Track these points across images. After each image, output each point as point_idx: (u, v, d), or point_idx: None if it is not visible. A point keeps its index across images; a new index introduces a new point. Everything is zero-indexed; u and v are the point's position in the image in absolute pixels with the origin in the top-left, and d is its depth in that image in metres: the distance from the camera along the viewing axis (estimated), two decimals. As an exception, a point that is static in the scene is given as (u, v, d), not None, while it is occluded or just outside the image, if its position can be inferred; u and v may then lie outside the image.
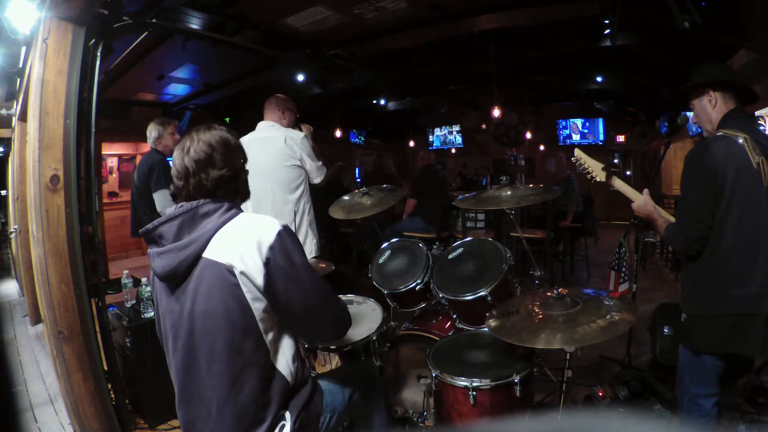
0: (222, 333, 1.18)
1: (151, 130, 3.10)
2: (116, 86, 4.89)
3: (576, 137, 9.99)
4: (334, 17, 3.83)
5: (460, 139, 11.39)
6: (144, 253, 6.94)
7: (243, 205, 1.36)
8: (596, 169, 1.94)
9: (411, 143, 11.41)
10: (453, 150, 11.60)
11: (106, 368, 2.21)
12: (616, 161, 9.71)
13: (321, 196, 3.17)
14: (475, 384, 1.64)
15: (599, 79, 6.42)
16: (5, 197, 6.07)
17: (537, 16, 3.96)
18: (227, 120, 6.78)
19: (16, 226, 4.33)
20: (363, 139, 11.21)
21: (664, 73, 5.13)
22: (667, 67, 4.79)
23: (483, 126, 10.74)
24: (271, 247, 1.20)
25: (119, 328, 2.49)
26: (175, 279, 1.22)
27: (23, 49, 3.03)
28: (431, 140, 11.71)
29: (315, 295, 1.27)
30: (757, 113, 3.52)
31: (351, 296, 2.32)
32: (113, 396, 2.23)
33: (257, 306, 1.20)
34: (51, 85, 1.96)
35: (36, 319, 4.11)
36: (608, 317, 1.46)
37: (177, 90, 5.97)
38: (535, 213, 5.59)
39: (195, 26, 3.56)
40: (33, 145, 1.95)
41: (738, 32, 3.27)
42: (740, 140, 1.58)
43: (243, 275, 1.18)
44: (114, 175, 7.25)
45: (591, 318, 1.47)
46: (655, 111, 7.20)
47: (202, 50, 4.22)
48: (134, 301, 2.58)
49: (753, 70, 3.38)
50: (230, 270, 1.18)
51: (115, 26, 2.50)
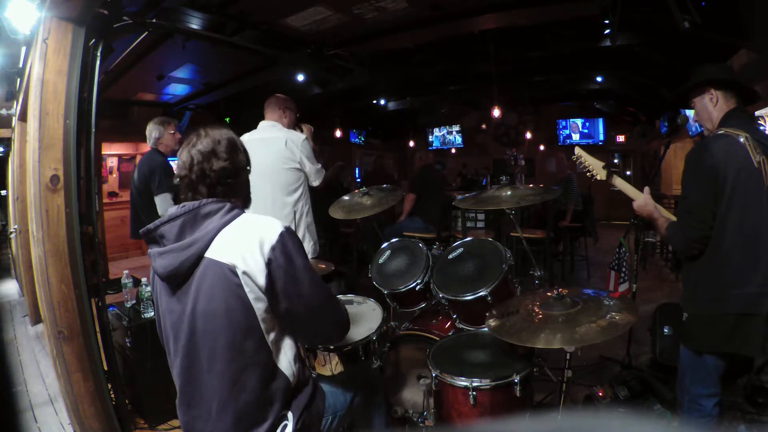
0: (223, 333, 1.18)
1: (152, 130, 3.06)
2: (116, 86, 4.88)
3: (576, 137, 9.99)
4: (334, 17, 3.83)
5: (460, 139, 11.37)
6: (144, 253, 6.94)
7: None
8: (597, 168, 1.93)
9: (411, 143, 11.40)
10: (453, 150, 11.59)
11: (106, 368, 2.21)
12: (616, 161, 9.71)
13: (321, 197, 3.16)
14: (475, 384, 1.64)
15: (599, 79, 6.41)
16: (5, 197, 6.07)
17: (537, 16, 3.96)
18: (227, 120, 6.78)
19: (16, 226, 4.33)
20: (363, 139, 11.20)
21: (664, 73, 5.12)
22: (667, 67, 4.78)
23: (483, 126, 10.73)
24: (273, 248, 1.20)
25: (119, 328, 2.49)
26: (177, 279, 1.22)
27: (23, 49, 3.03)
28: (431, 140, 11.71)
29: (315, 297, 1.27)
30: (757, 113, 3.52)
31: (351, 296, 2.32)
32: (113, 396, 2.23)
33: (259, 306, 1.20)
34: (51, 85, 1.96)
35: (36, 319, 4.11)
36: (608, 317, 1.46)
37: (177, 90, 5.96)
38: (535, 213, 5.59)
39: (195, 26, 3.56)
40: (33, 145, 1.95)
41: (738, 32, 3.27)
42: (741, 139, 1.58)
43: (245, 275, 1.18)
44: (114, 175, 7.25)
45: (591, 318, 1.47)
46: (655, 111, 7.19)
47: (202, 50, 4.21)
48: (134, 301, 2.58)
49: (753, 70, 3.38)
50: (233, 270, 1.17)
51: (115, 26, 2.49)
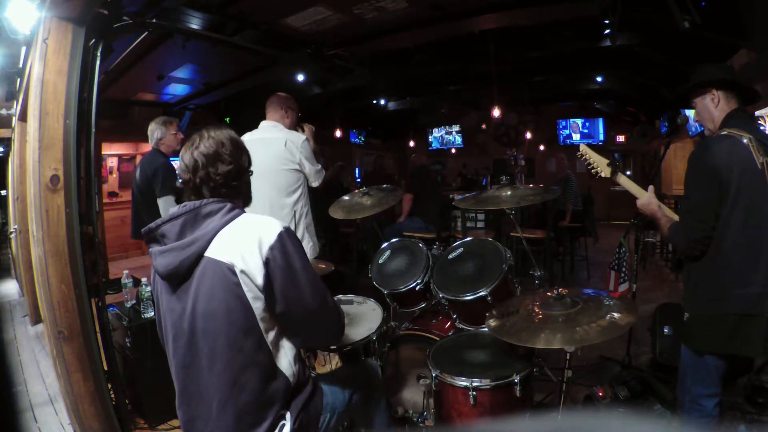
0: (223, 332, 1.19)
1: (154, 130, 3.04)
2: (116, 86, 4.88)
3: (576, 137, 10.00)
4: (334, 17, 3.83)
5: (459, 139, 11.38)
6: (144, 254, 6.95)
7: None
8: (601, 165, 1.92)
9: (411, 143, 11.40)
10: (453, 150, 11.60)
11: (106, 368, 2.21)
12: (617, 161, 9.70)
13: (321, 197, 3.17)
14: (475, 384, 1.64)
15: (599, 79, 6.41)
16: (5, 197, 6.07)
17: (537, 16, 3.96)
18: (227, 120, 6.78)
19: (16, 226, 4.33)
20: (363, 139, 11.19)
21: (664, 73, 5.12)
22: (667, 67, 4.78)
23: (483, 126, 10.73)
24: (272, 247, 1.20)
25: (119, 328, 2.49)
26: (177, 278, 1.23)
27: (23, 49, 3.02)
28: (430, 140, 11.71)
29: (312, 299, 1.26)
30: (757, 113, 3.52)
31: (351, 296, 2.32)
32: (113, 396, 2.23)
33: (257, 305, 1.20)
34: (51, 85, 1.96)
35: (36, 319, 4.11)
36: (608, 317, 1.46)
37: (177, 90, 5.96)
38: (535, 213, 5.59)
39: (195, 26, 3.55)
40: (33, 145, 1.95)
41: (738, 32, 3.26)
42: (745, 140, 1.57)
43: (243, 274, 1.18)
44: (114, 175, 7.25)
45: (591, 318, 1.47)
46: (655, 111, 7.19)
47: (202, 50, 4.21)
48: (134, 301, 2.58)
49: (753, 70, 3.38)
50: (231, 269, 1.18)
51: (115, 26, 2.49)
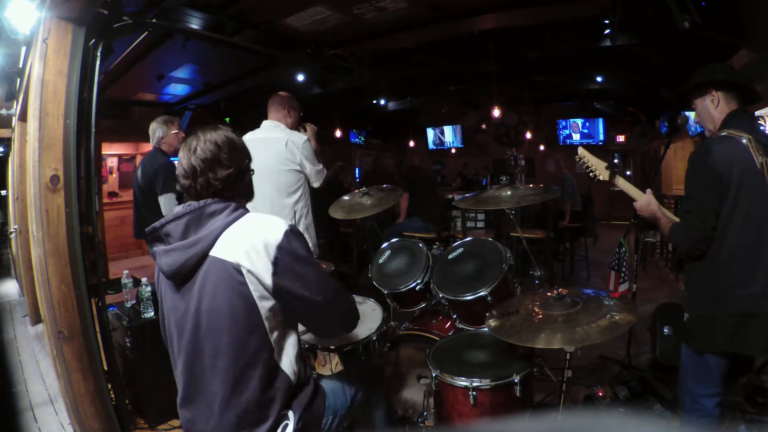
0: (227, 331, 1.19)
1: (155, 130, 3.06)
2: (116, 86, 4.88)
3: (576, 137, 10.00)
4: (334, 17, 3.83)
5: (453, 139, 11.38)
6: (144, 254, 6.95)
7: None
8: (600, 168, 1.93)
9: (411, 143, 11.41)
10: (453, 150, 11.60)
11: (106, 368, 2.21)
12: (616, 161, 9.71)
13: (321, 197, 3.16)
14: (475, 384, 1.64)
15: (599, 79, 6.41)
16: (5, 197, 6.07)
17: (537, 16, 3.96)
18: (227, 120, 6.78)
19: (16, 226, 4.33)
20: (363, 139, 11.19)
21: (664, 73, 5.12)
22: (667, 67, 4.78)
23: (483, 126, 10.73)
24: (279, 247, 1.21)
25: (119, 328, 2.49)
26: (181, 277, 1.23)
27: (23, 49, 3.02)
28: (429, 140, 11.73)
29: (323, 292, 1.28)
30: (757, 113, 3.52)
31: (351, 295, 2.32)
32: (113, 396, 2.23)
33: (263, 304, 1.21)
34: (51, 85, 1.96)
35: (36, 319, 4.11)
36: (608, 317, 1.46)
37: (177, 90, 5.96)
38: (535, 213, 5.59)
39: (195, 26, 3.55)
40: (33, 145, 1.95)
41: (738, 32, 3.26)
42: (744, 140, 1.58)
43: (250, 273, 1.19)
44: (114, 175, 7.25)
45: (591, 318, 1.47)
46: (655, 111, 7.19)
47: (202, 50, 4.21)
48: (134, 301, 2.57)
49: (753, 70, 3.37)
50: (237, 268, 1.19)
51: (115, 26, 2.49)
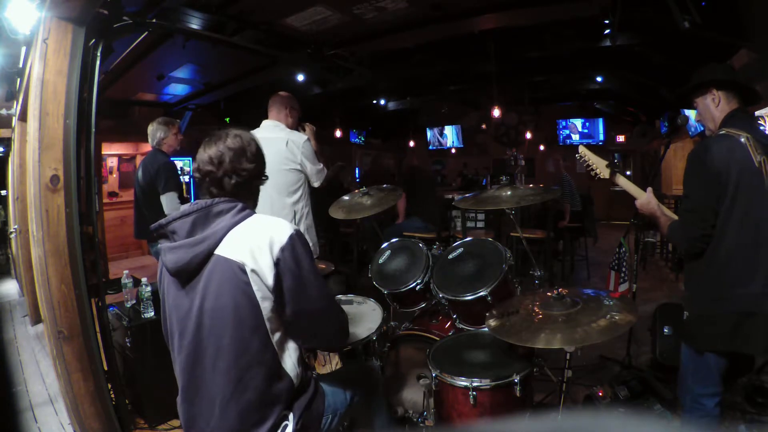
0: (230, 330, 1.19)
1: (156, 131, 3.10)
2: (116, 86, 4.88)
3: (576, 137, 10.00)
4: (334, 17, 3.83)
5: (454, 139, 11.39)
6: (144, 254, 6.94)
7: None
8: (600, 167, 1.94)
9: (411, 143, 11.41)
10: (453, 150, 11.60)
11: (106, 368, 2.21)
12: (616, 161, 9.71)
13: (321, 196, 3.16)
14: (475, 384, 1.64)
15: (599, 79, 6.42)
16: (5, 197, 6.07)
17: (537, 16, 3.96)
18: (227, 120, 6.78)
19: (16, 226, 4.33)
20: (363, 139, 11.19)
21: (664, 73, 5.12)
22: (667, 67, 4.78)
23: (483, 126, 10.73)
24: (283, 249, 1.21)
25: (119, 328, 2.49)
26: (186, 274, 1.24)
27: (23, 49, 3.02)
28: (429, 140, 11.73)
29: (319, 302, 1.28)
30: (757, 113, 3.52)
31: (351, 296, 2.32)
32: (113, 396, 2.23)
33: (266, 305, 1.22)
34: (51, 85, 1.96)
35: (36, 319, 4.11)
36: (608, 317, 1.46)
37: (177, 90, 5.96)
38: (535, 213, 5.59)
39: (195, 26, 3.55)
40: (33, 145, 1.95)
41: (738, 32, 3.26)
42: (742, 139, 1.58)
43: (254, 273, 1.19)
44: (114, 175, 7.25)
45: (591, 318, 1.47)
46: (655, 111, 7.19)
47: (202, 50, 4.21)
48: (134, 301, 2.57)
49: (753, 70, 3.37)
50: (241, 267, 1.19)
51: (115, 26, 2.49)
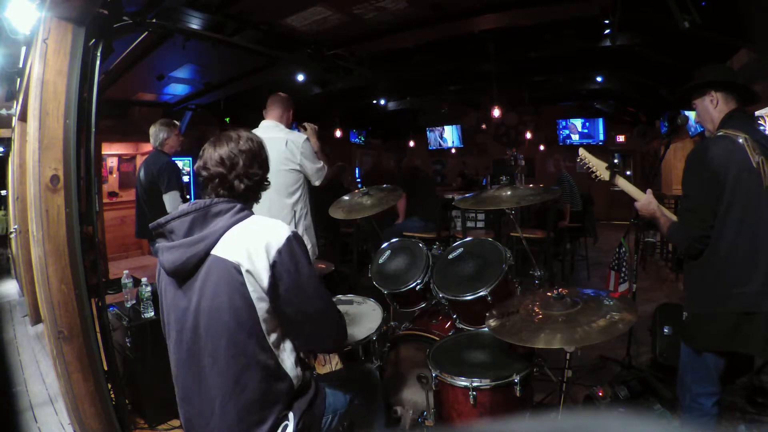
0: (227, 330, 1.19)
1: (159, 131, 3.15)
2: (116, 86, 4.88)
3: (576, 137, 10.00)
4: (334, 17, 3.83)
5: (454, 140, 11.39)
6: (144, 254, 6.94)
7: None
8: (600, 169, 1.94)
9: (411, 143, 11.41)
10: (453, 150, 11.61)
11: (106, 368, 2.21)
12: (616, 161, 9.71)
13: (321, 197, 3.16)
14: (475, 384, 1.64)
15: (599, 79, 6.42)
16: (5, 197, 6.07)
17: (537, 16, 3.96)
18: (227, 120, 6.78)
19: (16, 226, 4.33)
20: (363, 139, 11.20)
21: (664, 73, 5.12)
22: (667, 67, 4.78)
23: (483, 126, 10.73)
24: (279, 251, 1.21)
25: (119, 328, 2.49)
26: (183, 274, 1.24)
27: (23, 49, 3.02)
28: (429, 140, 11.73)
29: (316, 304, 1.28)
30: (757, 113, 3.52)
31: (351, 296, 2.32)
32: (113, 396, 2.23)
33: (261, 306, 1.21)
34: (51, 85, 1.96)
35: (36, 319, 4.11)
36: (608, 317, 1.46)
37: (177, 90, 5.96)
38: (535, 213, 5.59)
39: (195, 26, 3.55)
40: (33, 145, 1.95)
41: (738, 32, 3.26)
42: (740, 140, 1.59)
43: (249, 274, 1.19)
44: (114, 175, 7.24)
45: (591, 318, 1.47)
46: (655, 111, 7.19)
47: (202, 50, 4.20)
48: (134, 301, 2.58)
49: (753, 70, 3.38)
50: (237, 268, 1.19)
51: (115, 26, 2.49)
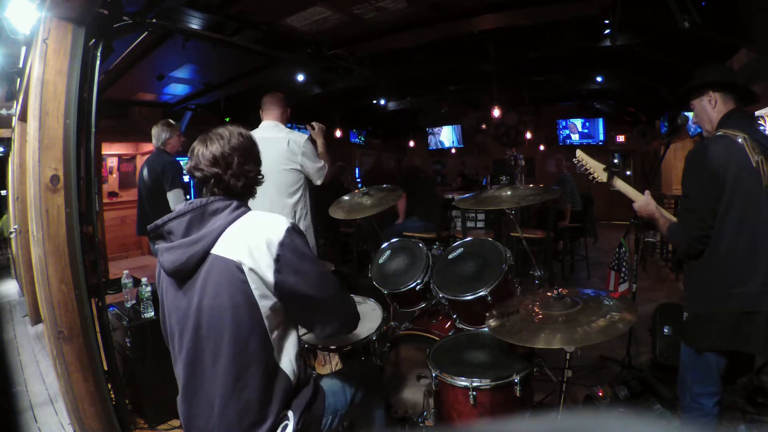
0: (228, 329, 1.19)
1: (161, 132, 3.20)
2: (116, 86, 4.89)
3: (576, 137, 10.00)
4: (334, 17, 3.83)
5: (454, 140, 11.39)
6: (144, 254, 6.95)
7: None
8: (598, 170, 1.94)
9: (411, 143, 11.41)
10: (453, 150, 11.62)
11: (106, 368, 2.21)
12: (616, 161, 9.71)
13: (321, 196, 3.16)
14: (475, 384, 1.64)
15: (599, 79, 6.42)
16: (5, 197, 6.07)
17: (537, 16, 3.96)
18: (227, 120, 6.78)
19: (16, 226, 4.33)
20: (363, 139, 11.20)
21: (664, 73, 5.12)
22: (667, 67, 4.79)
23: (483, 126, 10.74)
24: (281, 244, 1.21)
25: (119, 328, 2.49)
26: (183, 274, 1.24)
27: (23, 49, 3.02)
28: (429, 140, 11.73)
29: (325, 289, 1.28)
30: (757, 113, 3.52)
31: (351, 296, 2.32)
32: (113, 396, 2.23)
33: (264, 303, 1.21)
34: (51, 85, 1.96)
35: (36, 319, 4.11)
36: (608, 317, 1.46)
37: (177, 90, 5.96)
38: (535, 213, 5.59)
39: (195, 26, 3.56)
40: (33, 145, 1.95)
41: (738, 32, 3.26)
42: (740, 140, 1.59)
43: (252, 272, 1.19)
44: (114, 175, 7.24)
45: (591, 318, 1.47)
46: (655, 111, 7.19)
47: (202, 50, 4.20)
48: (134, 301, 2.58)
49: (753, 70, 3.38)
50: (239, 266, 1.19)
51: (115, 26, 2.49)
